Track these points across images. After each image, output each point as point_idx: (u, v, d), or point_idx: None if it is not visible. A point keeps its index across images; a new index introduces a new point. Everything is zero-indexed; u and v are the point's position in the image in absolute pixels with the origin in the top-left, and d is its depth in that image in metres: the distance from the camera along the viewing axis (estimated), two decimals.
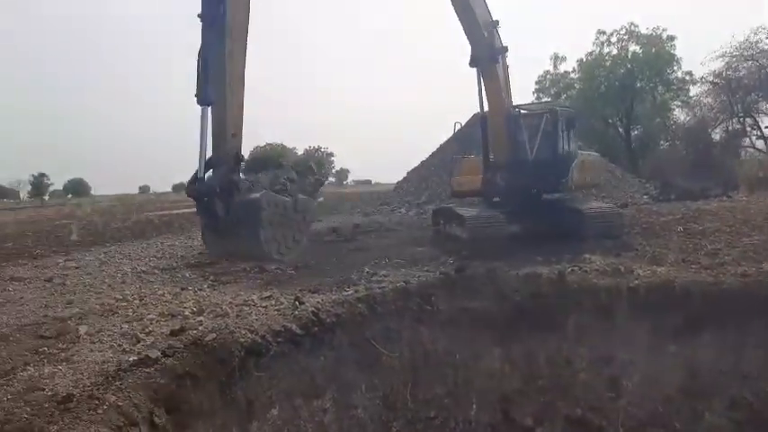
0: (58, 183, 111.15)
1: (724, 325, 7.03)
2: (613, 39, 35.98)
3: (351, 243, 14.02)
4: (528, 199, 12.99)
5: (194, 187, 9.42)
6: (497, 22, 12.92)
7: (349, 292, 7.57)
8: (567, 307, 7.82)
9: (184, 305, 6.95)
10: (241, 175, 9.79)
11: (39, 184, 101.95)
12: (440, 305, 7.74)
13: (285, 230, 10.22)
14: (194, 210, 10.75)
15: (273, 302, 6.96)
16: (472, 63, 12.88)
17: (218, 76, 8.76)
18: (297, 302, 6.82)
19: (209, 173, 9.31)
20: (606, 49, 36.26)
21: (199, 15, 8.69)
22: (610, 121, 37.13)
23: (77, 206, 50.56)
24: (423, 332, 7.52)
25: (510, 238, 12.13)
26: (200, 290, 8.00)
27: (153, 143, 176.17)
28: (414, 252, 11.53)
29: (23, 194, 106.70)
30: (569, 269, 8.63)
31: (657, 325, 7.31)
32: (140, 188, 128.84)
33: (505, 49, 13.05)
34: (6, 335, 5.76)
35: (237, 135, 9.26)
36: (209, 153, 9.32)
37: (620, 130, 36.90)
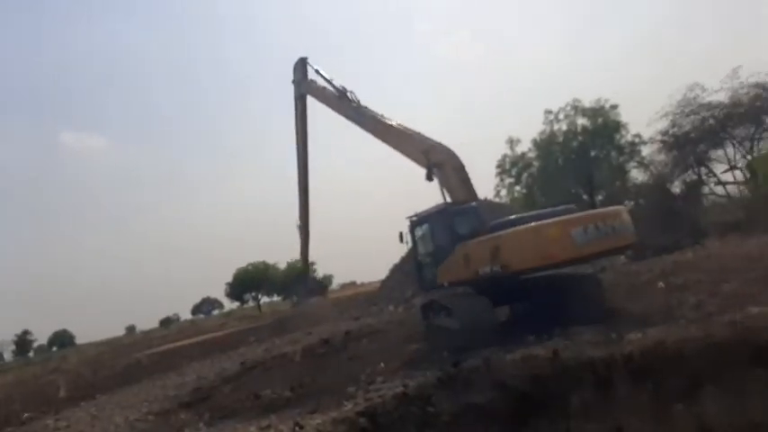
0: (41, 337, 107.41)
1: (723, 376, 7.04)
2: (561, 116, 37.96)
3: (344, 352, 13.82)
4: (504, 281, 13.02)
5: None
6: (430, 147, 14.21)
7: (348, 407, 7.42)
8: (569, 384, 7.74)
9: None
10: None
11: (22, 342, 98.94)
12: (442, 405, 7.59)
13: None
14: (181, 344, 16.66)
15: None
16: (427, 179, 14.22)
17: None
18: (297, 428, 6.67)
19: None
20: (556, 126, 38.12)
21: None
22: (573, 191, 38.29)
23: (63, 359, 48.99)
24: None
25: (499, 321, 12.10)
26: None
27: (136, 279, 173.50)
28: (409, 351, 11.43)
29: (8, 355, 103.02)
30: (562, 345, 8.64)
31: (659, 387, 7.26)
32: (127, 328, 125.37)
33: (440, 164, 13.90)
34: None
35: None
36: None
37: (585, 197, 38.02)
